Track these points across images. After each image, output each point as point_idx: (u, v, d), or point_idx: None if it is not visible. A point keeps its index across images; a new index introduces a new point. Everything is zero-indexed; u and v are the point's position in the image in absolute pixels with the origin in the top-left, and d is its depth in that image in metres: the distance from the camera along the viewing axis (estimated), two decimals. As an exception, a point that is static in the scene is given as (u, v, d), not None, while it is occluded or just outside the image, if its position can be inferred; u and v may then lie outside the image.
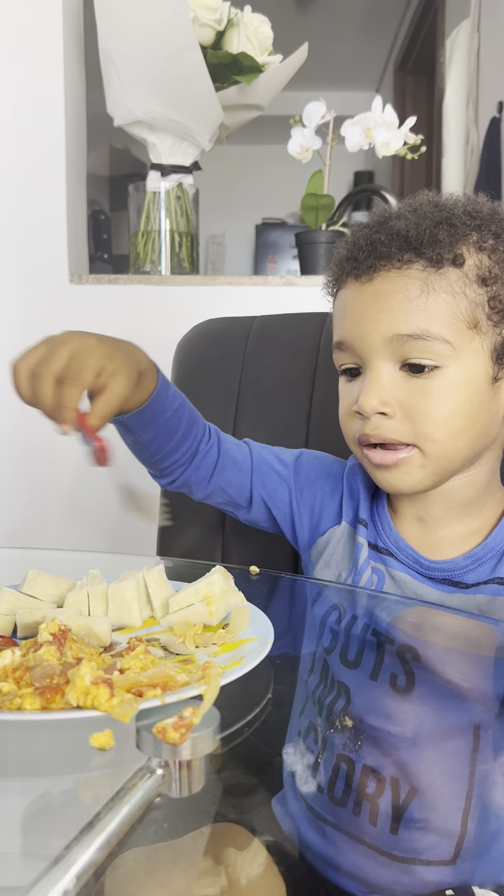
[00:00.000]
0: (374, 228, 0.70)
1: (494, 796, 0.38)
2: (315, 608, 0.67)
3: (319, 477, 0.85)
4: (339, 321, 0.73)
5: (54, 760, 0.44)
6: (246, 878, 0.33)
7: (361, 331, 0.69)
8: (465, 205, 0.70)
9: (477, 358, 0.67)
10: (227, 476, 0.84)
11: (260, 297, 1.72)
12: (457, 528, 0.75)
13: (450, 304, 0.66)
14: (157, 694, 0.44)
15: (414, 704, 0.47)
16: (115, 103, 1.66)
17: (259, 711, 0.47)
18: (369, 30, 4.31)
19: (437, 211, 0.69)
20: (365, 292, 0.69)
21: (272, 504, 0.85)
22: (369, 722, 0.44)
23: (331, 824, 0.35)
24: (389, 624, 0.62)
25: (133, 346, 0.73)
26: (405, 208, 0.71)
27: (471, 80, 2.74)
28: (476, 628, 0.63)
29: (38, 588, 0.61)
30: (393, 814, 0.35)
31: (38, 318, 1.77)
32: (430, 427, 0.67)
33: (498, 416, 0.70)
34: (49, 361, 0.64)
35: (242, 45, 1.58)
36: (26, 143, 1.74)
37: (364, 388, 0.68)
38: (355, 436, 0.72)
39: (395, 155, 1.61)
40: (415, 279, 0.66)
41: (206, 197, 1.91)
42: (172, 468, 0.82)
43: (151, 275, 1.75)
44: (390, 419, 0.68)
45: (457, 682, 0.50)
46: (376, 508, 0.80)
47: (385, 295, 0.67)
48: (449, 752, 0.42)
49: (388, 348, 0.67)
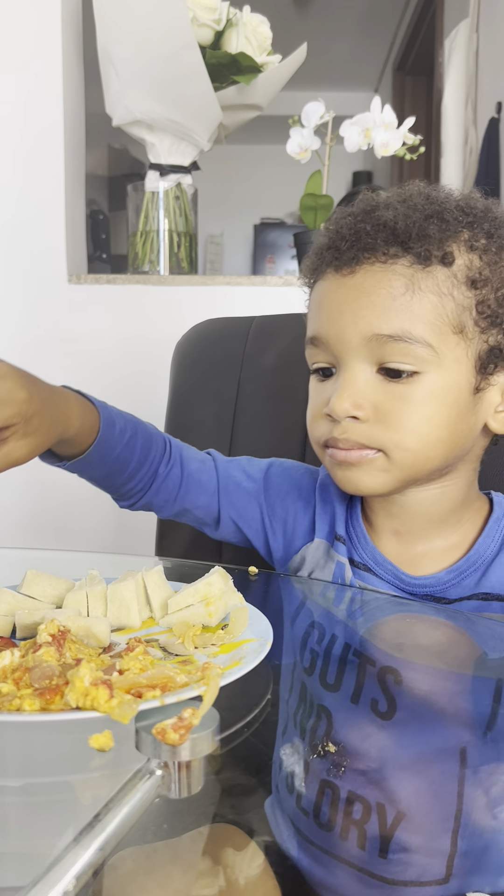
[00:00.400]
0: (360, 217, 0.65)
1: (482, 814, 0.38)
2: (295, 626, 0.65)
3: (291, 491, 0.81)
4: (314, 315, 0.68)
5: (53, 761, 0.44)
6: (244, 878, 0.33)
7: (339, 327, 0.64)
8: (458, 200, 0.66)
9: (460, 366, 0.63)
10: (191, 498, 0.80)
11: (258, 297, 1.72)
12: (436, 542, 0.72)
13: (435, 306, 0.62)
14: (156, 695, 0.44)
15: (397, 728, 0.46)
16: (113, 103, 1.66)
17: (258, 712, 0.47)
18: (368, 30, 4.31)
19: (428, 203, 0.64)
20: (345, 285, 0.64)
21: (242, 522, 0.81)
22: (352, 747, 0.43)
23: (318, 847, 0.35)
24: (370, 643, 0.60)
25: (67, 402, 0.68)
26: (394, 198, 0.66)
27: (469, 81, 2.74)
28: (458, 643, 0.62)
29: (36, 589, 0.61)
30: (381, 838, 0.35)
31: (36, 317, 1.77)
32: (403, 435, 0.63)
33: (476, 429, 0.67)
34: None
35: (241, 45, 1.58)
36: (25, 143, 1.74)
37: (337, 390, 0.64)
38: (321, 439, 0.68)
39: (393, 155, 1.61)
40: (400, 275, 0.62)
41: (205, 197, 1.91)
42: (130, 493, 0.78)
43: (150, 275, 1.75)
44: (361, 423, 0.64)
45: (440, 703, 0.50)
46: (351, 522, 0.76)
47: (367, 290, 0.63)
48: (435, 775, 0.41)
49: (367, 348, 0.63)
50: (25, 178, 1.75)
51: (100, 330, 1.76)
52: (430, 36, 3.68)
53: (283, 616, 0.67)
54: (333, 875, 0.33)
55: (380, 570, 0.72)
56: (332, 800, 0.38)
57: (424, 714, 0.48)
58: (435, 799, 0.39)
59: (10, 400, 0.60)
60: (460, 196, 0.67)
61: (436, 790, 0.40)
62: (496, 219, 0.65)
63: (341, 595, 0.71)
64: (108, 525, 1.73)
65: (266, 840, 0.36)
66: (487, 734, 0.46)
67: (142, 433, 0.76)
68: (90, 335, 1.75)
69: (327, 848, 0.35)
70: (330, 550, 0.76)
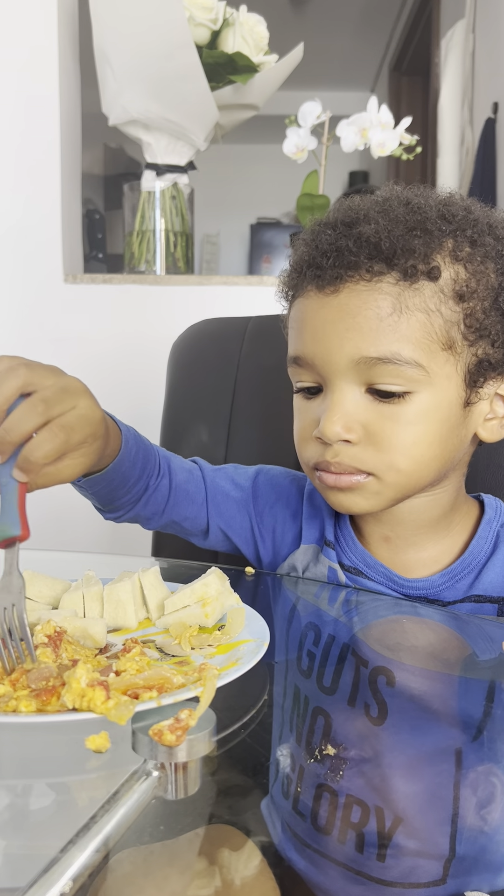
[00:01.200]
0: (340, 231, 0.62)
1: (476, 816, 0.38)
2: (292, 627, 0.64)
3: (279, 499, 0.81)
4: (297, 334, 0.66)
5: (50, 763, 0.44)
6: (241, 879, 0.33)
7: (325, 349, 0.62)
8: (437, 206, 0.63)
9: (450, 382, 0.62)
10: (179, 510, 0.78)
11: (255, 296, 1.72)
12: (427, 547, 0.71)
13: (424, 324, 0.60)
14: (153, 696, 0.43)
15: (393, 731, 0.46)
16: (110, 102, 1.66)
17: (255, 713, 0.47)
18: (365, 30, 4.31)
19: (408, 213, 0.62)
20: (329, 305, 0.62)
21: (231, 532, 0.81)
22: (350, 750, 0.43)
23: (314, 849, 0.35)
24: (366, 644, 0.60)
25: (110, 422, 0.66)
26: (373, 209, 0.63)
27: (466, 81, 2.74)
28: (452, 644, 0.63)
29: (33, 589, 0.61)
30: (379, 842, 0.35)
31: (33, 317, 1.77)
32: (396, 456, 0.62)
33: (466, 440, 0.66)
34: (41, 380, 0.56)
35: (238, 44, 1.58)
36: (21, 142, 1.74)
37: (326, 412, 0.62)
38: (312, 461, 0.66)
39: (390, 155, 1.61)
40: (386, 294, 0.60)
41: (201, 196, 1.91)
42: (119, 506, 0.75)
43: (146, 274, 1.75)
44: (353, 446, 0.62)
45: (435, 705, 0.50)
46: (339, 527, 0.76)
47: (352, 311, 0.60)
48: (432, 778, 0.41)
49: (354, 370, 0.61)
50: (21, 178, 1.75)
51: (96, 330, 1.75)
52: (426, 36, 3.68)
53: (279, 617, 0.67)
54: (330, 877, 0.33)
55: (371, 573, 0.72)
56: (328, 803, 0.38)
57: (420, 716, 0.48)
58: (431, 801, 0.39)
59: (90, 419, 0.59)
60: (438, 200, 0.64)
61: (432, 792, 0.40)
62: (477, 222, 0.63)
63: (336, 595, 0.71)
64: (104, 526, 1.72)
65: (263, 840, 0.36)
66: (480, 736, 0.46)
67: (142, 446, 0.74)
68: (86, 335, 1.75)
69: (324, 850, 0.35)
70: (319, 555, 0.76)
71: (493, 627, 0.63)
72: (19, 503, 0.55)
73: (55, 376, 0.57)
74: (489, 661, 0.59)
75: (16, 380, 0.55)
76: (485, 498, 0.75)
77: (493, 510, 0.73)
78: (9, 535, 0.54)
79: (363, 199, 0.66)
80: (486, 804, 0.39)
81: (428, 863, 0.34)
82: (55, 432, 0.56)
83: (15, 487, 0.55)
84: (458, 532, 0.72)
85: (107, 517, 0.78)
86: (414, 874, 0.33)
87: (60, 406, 0.56)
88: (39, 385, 0.56)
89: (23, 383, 0.55)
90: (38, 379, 0.56)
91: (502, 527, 0.72)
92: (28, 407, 0.55)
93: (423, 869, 0.34)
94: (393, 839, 0.35)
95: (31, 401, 0.55)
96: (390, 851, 0.35)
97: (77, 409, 0.58)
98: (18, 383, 0.55)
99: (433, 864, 0.34)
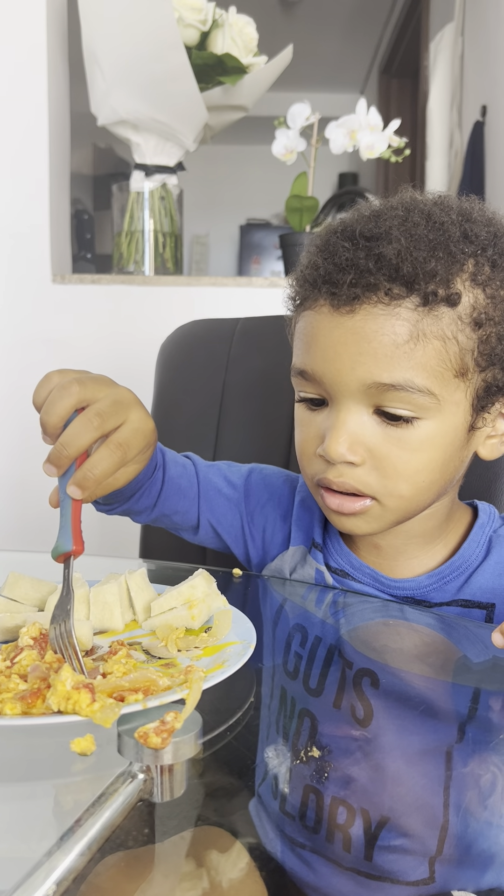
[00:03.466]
0: (359, 247, 0.60)
1: (462, 815, 0.38)
2: (279, 629, 0.64)
3: (270, 499, 0.80)
4: (305, 348, 0.63)
5: (35, 766, 0.44)
6: (228, 880, 0.33)
7: (335, 370, 0.60)
8: (460, 223, 0.60)
9: (458, 408, 0.61)
10: (171, 504, 0.78)
11: (244, 297, 1.72)
12: (417, 555, 0.71)
13: (439, 352, 0.58)
14: (138, 698, 0.43)
15: (380, 732, 0.46)
16: (98, 102, 1.65)
17: (241, 715, 0.47)
18: (354, 32, 4.33)
19: (431, 231, 0.59)
20: (343, 326, 0.60)
21: (221, 528, 0.80)
22: (336, 752, 0.43)
23: (303, 849, 0.35)
24: (352, 647, 0.60)
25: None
26: (395, 225, 0.60)
27: (455, 84, 2.76)
28: (439, 646, 0.63)
29: (18, 591, 0.61)
30: (366, 842, 0.35)
31: (20, 317, 1.76)
32: (399, 482, 0.61)
33: (466, 461, 0.66)
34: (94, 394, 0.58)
35: (227, 45, 1.58)
36: (8, 142, 1.73)
37: (331, 431, 0.61)
38: (315, 476, 0.65)
39: (379, 157, 1.62)
40: (404, 321, 0.58)
41: (191, 197, 1.91)
42: (114, 499, 0.75)
43: (135, 275, 1.75)
44: (357, 468, 0.61)
45: (420, 707, 0.50)
46: (327, 529, 0.76)
47: (368, 336, 0.58)
48: (418, 778, 0.41)
49: (364, 393, 0.60)
50: (9, 178, 1.74)
51: (84, 330, 1.75)
52: (415, 39, 3.70)
53: (265, 619, 0.67)
54: (319, 875, 0.33)
55: (358, 575, 0.72)
56: (316, 805, 0.38)
57: (405, 718, 0.48)
58: (418, 801, 0.39)
59: (144, 431, 0.61)
60: (460, 214, 0.62)
61: (418, 792, 0.40)
62: (498, 239, 0.61)
63: (323, 597, 0.71)
64: (91, 527, 1.72)
65: (251, 841, 0.36)
66: (465, 737, 0.47)
67: None
68: (74, 335, 1.75)
69: (312, 849, 0.35)
70: (307, 557, 0.76)
71: (479, 631, 0.64)
72: (73, 519, 0.56)
73: (107, 388, 0.60)
74: (475, 663, 0.59)
75: (69, 398, 0.57)
76: (479, 504, 0.75)
77: (486, 516, 0.73)
78: (64, 550, 0.54)
79: (384, 208, 0.63)
80: (471, 804, 0.39)
81: (415, 861, 0.34)
82: (112, 450, 0.58)
83: (70, 503, 0.56)
84: (450, 538, 0.72)
85: (99, 509, 0.78)
86: (402, 873, 0.34)
87: (115, 419, 0.58)
88: (93, 399, 0.58)
89: (77, 401, 0.57)
90: (91, 394, 0.58)
91: (495, 533, 0.71)
92: (84, 422, 0.56)
93: (411, 867, 0.34)
94: (380, 838, 0.35)
95: (87, 415, 0.57)
96: (377, 851, 0.35)
97: (131, 423, 0.60)
98: (73, 401, 0.57)
99: (420, 863, 0.34)
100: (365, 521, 0.64)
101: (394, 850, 0.35)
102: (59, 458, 0.56)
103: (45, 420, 0.57)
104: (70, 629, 0.49)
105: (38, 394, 0.59)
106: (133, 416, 0.60)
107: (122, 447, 0.58)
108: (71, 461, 0.56)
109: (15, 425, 1.75)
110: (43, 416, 0.57)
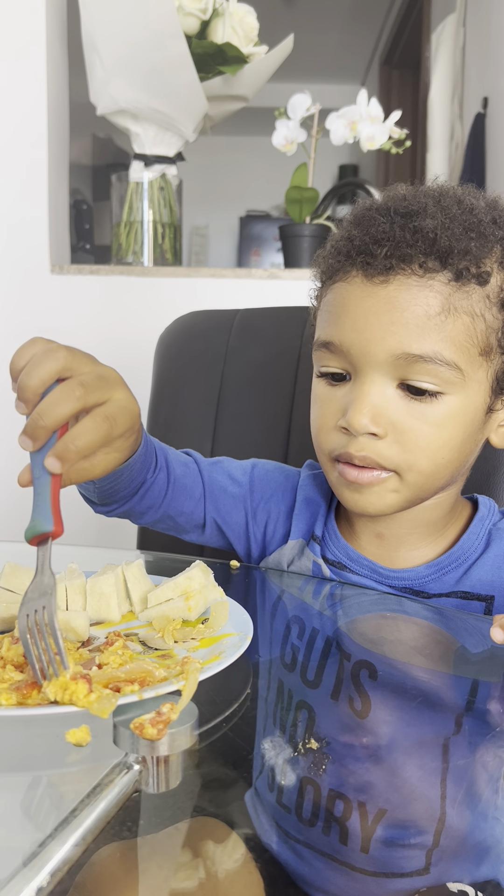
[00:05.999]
0: (397, 221, 0.61)
1: (458, 807, 0.38)
2: (276, 621, 0.64)
3: (274, 495, 0.80)
4: (332, 319, 0.63)
5: (30, 756, 0.44)
6: (224, 871, 0.33)
7: (364, 339, 0.60)
8: (488, 210, 0.62)
9: (480, 387, 0.62)
10: (177, 505, 0.76)
11: (243, 289, 1.71)
12: (418, 546, 0.72)
13: (468, 328, 0.59)
14: (134, 689, 0.43)
15: (375, 725, 0.46)
16: (98, 91, 1.64)
17: (237, 707, 0.47)
18: (355, 23, 4.30)
19: (463, 213, 0.61)
20: (376, 295, 0.60)
21: (226, 526, 0.80)
22: (334, 744, 0.43)
23: (298, 841, 0.35)
24: (350, 638, 0.60)
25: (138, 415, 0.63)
26: (430, 203, 0.62)
27: (456, 76, 2.74)
28: (437, 637, 0.63)
29: (15, 581, 0.61)
30: (363, 834, 0.35)
31: (19, 308, 1.75)
32: (420, 456, 0.61)
33: (479, 445, 0.67)
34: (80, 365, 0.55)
35: (228, 35, 1.57)
36: (7, 131, 1.72)
37: (354, 403, 0.61)
38: (333, 451, 0.64)
39: (380, 149, 1.61)
40: (437, 293, 0.59)
41: (190, 188, 1.90)
42: (114, 500, 0.72)
43: (134, 266, 1.74)
44: (378, 440, 0.61)
45: (418, 699, 0.50)
46: (325, 522, 0.76)
47: (401, 305, 0.59)
48: (414, 770, 0.41)
49: (392, 365, 0.60)
50: (7, 167, 1.73)
51: (83, 321, 1.74)
52: (416, 30, 3.67)
53: (263, 610, 0.67)
54: (314, 868, 0.33)
55: (355, 566, 0.72)
56: (312, 795, 0.38)
57: (403, 709, 0.48)
58: (414, 793, 0.39)
59: (130, 411, 0.58)
60: (488, 203, 0.64)
61: (415, 784, 0.40)
62: None
63: (320, 589, 0.71)
64: (88, 518, 1.72)
65: (247, 832, 0.36)
66: (463, 729, 0.47)
67: (149, 443, 0.71)
68: (73, 326, 1.74)
69: (307, 842, 0.35)
70: (305, 550, 0.76)
71: (478, 622, 0.64)
72: (52, 497, 0.51)
73: (93, 363, 0.56)
74: (473, 655, 0.59)
75: (55, 362, 0.53)
76: (479, 498, 0.75)
77: (486, 509, 0.73)
78: (41, 530, 0.49)
79: (416, 190, 0.64)
80: (468, 796, 0.39)
81: (411, 853, 0.34)
82: (98, 422, 0.54)
83: (48, 481, 0.51)
84: (450, 530, 0.72)
85: (98, 510, 0.75)
86: (397, 864, 0.34)
87: (98, 394, 0.55)
88: (77, 370, 0.54)
89: (62, 367, 0.53)
90: (77, 364, 0.54)
91: (494, 526, 0.72)
92: (65, 390, 0.52)
93: (407, 859, 0.34)
94: (376, 830, 0.35)
95: (69, 384, 0.53)
96: (374, 843, 0.35)
97: (116, 400, 0.56)
98: (57, 366, 0.53)
99: (416, 854, 0.34)
100: (379, 498, 0.64)
101: (390, 842, 0.35)
102: (35, 428, 0.51)
103: (24, 382, 0.52)
104: (52, 615, 0.46)
105: (19, 355, 0.54)
106: (118, 395, 0.56)
107: (108, 420, 0.54)
108: (49, 433, 0.51)
109: (12, 415, 1.74)
110: (23, 378, 0.52)
